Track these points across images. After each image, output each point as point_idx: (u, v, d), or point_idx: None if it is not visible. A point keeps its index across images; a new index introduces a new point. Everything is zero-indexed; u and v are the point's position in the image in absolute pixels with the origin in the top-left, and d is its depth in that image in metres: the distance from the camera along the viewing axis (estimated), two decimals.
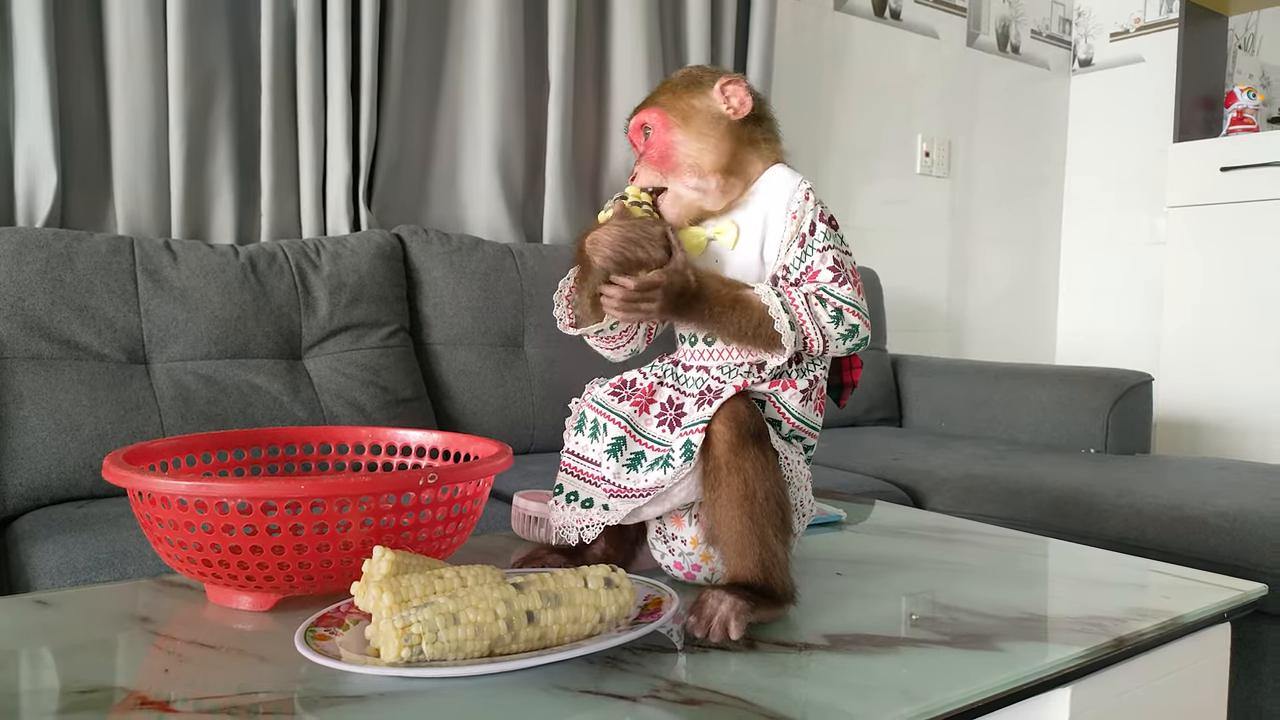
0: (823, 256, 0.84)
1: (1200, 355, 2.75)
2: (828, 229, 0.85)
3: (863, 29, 2.72)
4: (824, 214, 0.86)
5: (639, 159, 0.89)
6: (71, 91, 1.59)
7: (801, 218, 0.85)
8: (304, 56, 1.73)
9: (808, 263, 0.84)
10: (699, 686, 0.64)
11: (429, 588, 0.67)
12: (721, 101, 0.87)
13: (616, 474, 0.83)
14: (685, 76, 0.90)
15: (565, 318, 0.89)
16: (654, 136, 0.87)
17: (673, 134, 0.86)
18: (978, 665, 0.70)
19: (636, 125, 0.89)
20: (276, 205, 1.75)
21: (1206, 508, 1.44)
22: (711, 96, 0.87)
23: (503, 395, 1.78)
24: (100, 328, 1.41)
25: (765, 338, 0.80)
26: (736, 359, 0.85)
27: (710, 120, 0.86)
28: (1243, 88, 2.89)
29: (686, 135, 0.86)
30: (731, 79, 0.88)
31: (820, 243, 0.84)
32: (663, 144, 0.86)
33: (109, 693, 0.62)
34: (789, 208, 0.85)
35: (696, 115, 0.87)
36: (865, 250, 2.75)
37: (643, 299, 0.78)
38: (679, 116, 0.87)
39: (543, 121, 2.07)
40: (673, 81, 0.90)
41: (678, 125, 0.86)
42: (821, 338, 0.82)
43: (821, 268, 0.83)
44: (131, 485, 0.76)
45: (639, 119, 0.89)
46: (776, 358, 0.82)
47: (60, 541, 1.09)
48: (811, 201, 0.85)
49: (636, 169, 0.88)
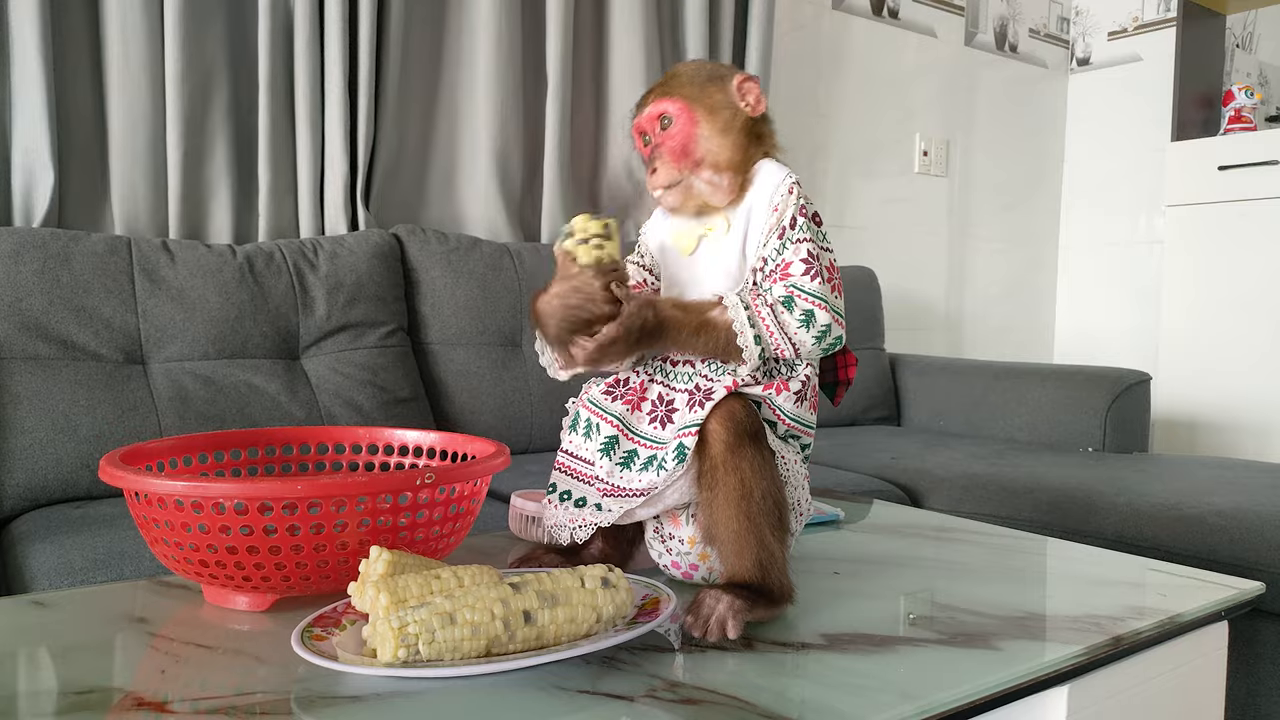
0: (796, 249, 0.82)
1: (1198, 354, 2.75)
2: (807, 223, 0.83)
3: (861, 28, 2.72)
4: (805, 209, 0.84)
5: (654, 148, 0.86)
6: (68, 92, 1.59)
7: (783, 211, 0.84)
8: (301, 56, 1.73)
9: (784, 257, 0.83)
10: (697, 686, 0.64)
11: (426, 588, 0.67)
12: (739, 98, 0.86)
13: (610, 473, 0.82)
14: (703, 70, 0.88)
15: (555, 363, 0.87)
16: (676, 128, 0.85)
17: (698, 128, 0.85)
18: (975, 664, 0.69)
19: (653, 115, 0.86)
20: (274, 205, 1.75)
21: (1204, 506, 1.44)
22: (730, 92, 0.87)
23: (501, 395, 1.78)
24: (97, 328, 1.41)
25: (734, 352, 0.80)
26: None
27: (731, 116, 0.86)
28: (1240, 86, 2.90)
29: (711, 130, 0.85)
30: (747, 76, 0.87)
31: (801, 235, 0.82)
32: (686, 136, 0.85)
33: (106, 693, 0.62)
34: (772, 200, 0.84)
35: (721, 111, 0.86)
36: (863, 249, 2.75)
37: (607, 353, 0.78)
38: (705, 110, 0.85)
39: (540, 121, 2.07)
40: (689, 73, 0.88)
41: (704, 119, 0.85)
42: (792, 346, 0.80)
43: (794, 259, 0.81)
44: (128, 486, 0.75)
45: (658, 108, 0.86)
46: (745, 368, 0.81)
47: (57, 542, 1.09)
48: (795, 195, 0.84)
49: (655, 165, 0.86)
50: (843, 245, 2.72)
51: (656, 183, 0.86)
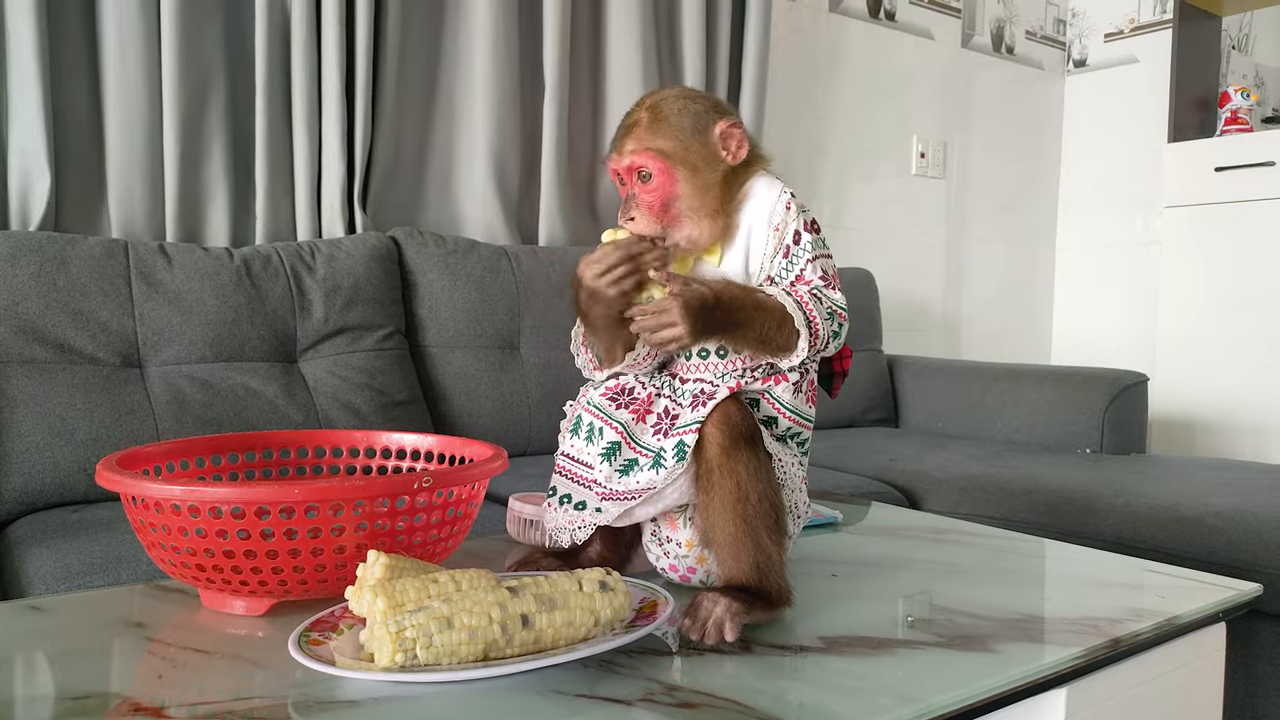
0: (813, 266, 0.84)
1: (1195, 355, 2.76)
2: (814, 237, 0.84)
3: (858, 30, 2.72)
4: (807, 222, 0.85)
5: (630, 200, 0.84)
6: (65, 94, 1.59)
7: (784, 229, 0.84)
8: (298, 58, 1.73)
9: (796, 271, 0.84)
10: (694, 689, 0.64)
11: (423, 592, 0.67)
12: (720, 147, 0.84)
13: (609, 478, 0.82)
14: (687, 113, 0.84)
15: (589, 364, 0.88)
16: (655, 184, 0.82)
17: (678, 187, 0.83)
18: (973, 667, 0.69)
19: (631, 168, 0.83)
20: (271, 208, 1.74)
21: (1202, 507, 1.44)
22: (712, 143, 0.84)
23: (499, 397, 1.78)
24: (94, 331, 1.41)
25: (784, 338, 0.80)
26: (736, 367, 0.84)
27: (712, 168, 0.84)
28: (1237, 88, 2.90)
29: (691, 189, 0.83)
30: (731, 122, 0.85)
31: (809, 251, 0.84)
32: (666, 195, 0.83)
33: (103, 699, 0.61)
34: (771, 220, 0.85)
35: (703, 166, 0.83)
36: (861, 251, 2.75)
37: (665, 322, 0.76)
38: (687, 169, 0.83)
39: (538, 123, 2.07)
40: (672, 118, 0.84)
41: (684, 178, 0.83)
42: (824, 336, 0.82)
43: (814, 277, 0.83)
44: (125, 490, 0.75)
45: (638, 161, 0.83)
46: (790, 359, 0.81)
47: (54, 546, 1.09)
48: (793, 211, 0.85)
49: (633, 214, 0.83)
50: (840, 247, 2.72)
51: (634, 230, 0.83)
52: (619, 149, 0.85)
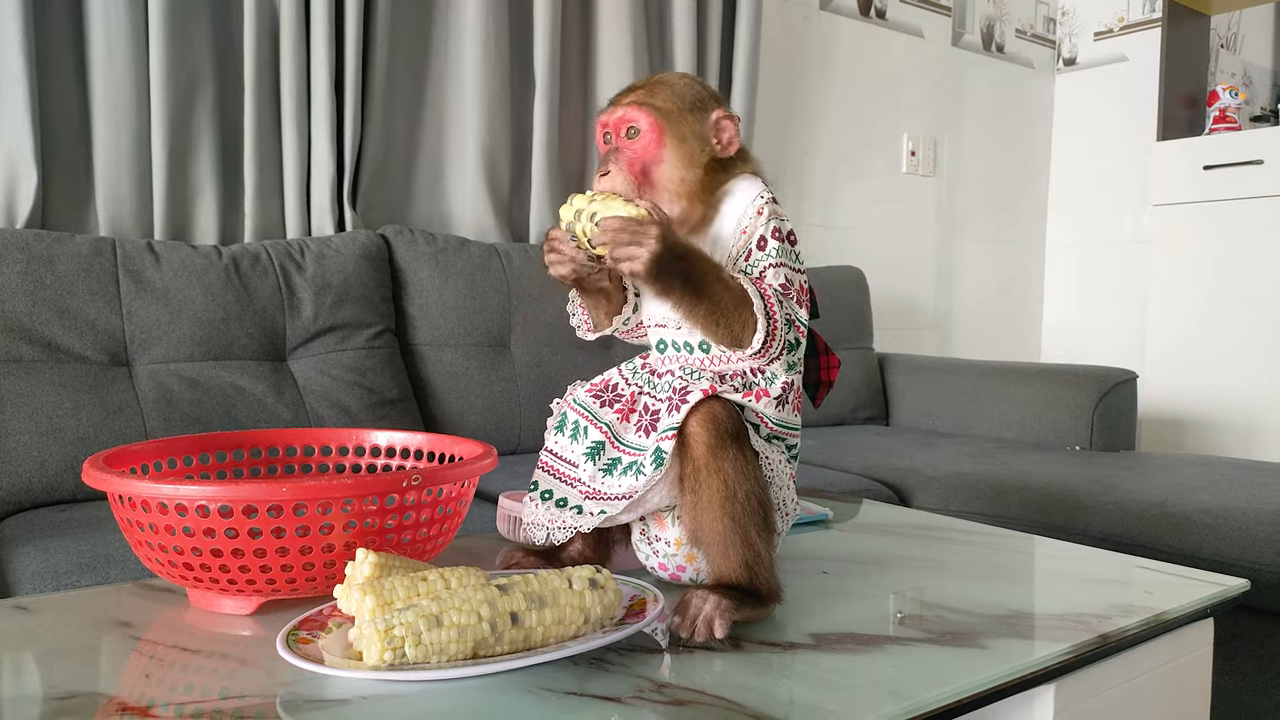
0: (775, 272, 0.80)
1: (1184, 352, 2.77)
2: (781, 245, 0.81)
3: (848, 29, 2.72)
4: (778, 229, 0.82)
5: (614, 151, 0.82)
6: (52, 91, 1.58)
7: (751, 233, 0.82)
8: (287, 56, 1.72)
9: (754, 274, 0.80)
10: (684, 687, 0.64)
11: (412, 590, 0.67)
12: (713, 134, 0.84)
13: (593, 477, 0.82)
14: (690, 90, 0.84)
15: (584, 324, 0.91)
16: (640, 144, 0.81)
17: (663, 152, 0.81)
18: (963, 663, 0.70)
19: (623, 120, 0.82)
20: (260, 205, 1.74)
21: (1190, 504, 1.45)
22: (706, 125, 0.84)
23: (489, 395, 1.77)
24: (82, 330, 1.40)
25: (739, 323, 0.77)
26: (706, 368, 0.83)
27: (700, 148, 0.83)
28: (1225, 86, 2.92)
29: (676, 157, 0.81)
30: (729, 114, 0.84)
31: (772, 258, 0.80)
32: (648, 157, 0.81)
33: (90, 698, 0.61)
34: (740, 223, 0.82)
35: (692, 140, 0.82)
36: (851, 249, 2.76)
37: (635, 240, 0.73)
38: (675, 137, 0.81)
39: (528, 121, 2.07)
40: (676, 88, 0.84)
41: (671, 145, 0.81)
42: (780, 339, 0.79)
43: (774, 283, 0.80)
44: (111, 489, 0.75)
45: (630, 115, 0.82)
46: (742, 353, 0.79)
47: (41, 546, 1.09)
48: (764, 216, 0.82)
49: (610, 168, 0.82)
50: (831, 245, 2.73)
51: (606, 186, 0.81)
52: (614, 103, 0.85)
